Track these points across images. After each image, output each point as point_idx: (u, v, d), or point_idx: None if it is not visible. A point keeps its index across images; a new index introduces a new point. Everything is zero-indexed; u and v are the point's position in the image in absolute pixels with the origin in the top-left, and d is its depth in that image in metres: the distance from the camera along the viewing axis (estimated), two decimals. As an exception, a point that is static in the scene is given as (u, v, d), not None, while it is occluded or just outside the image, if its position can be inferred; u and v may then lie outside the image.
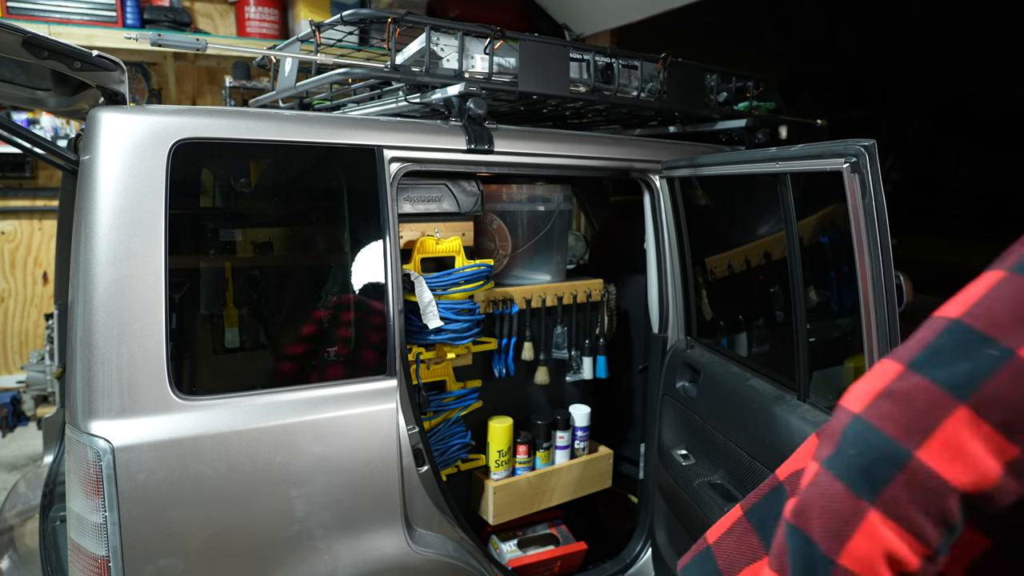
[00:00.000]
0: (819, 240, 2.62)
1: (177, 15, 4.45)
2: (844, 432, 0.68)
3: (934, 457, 0.64)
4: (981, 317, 0.65)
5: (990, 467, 0.63)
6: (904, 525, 0.64)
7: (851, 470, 0.67)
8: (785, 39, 8.28)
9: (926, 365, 0.66)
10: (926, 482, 0.64)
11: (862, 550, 0.66)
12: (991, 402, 0.63)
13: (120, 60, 1.52)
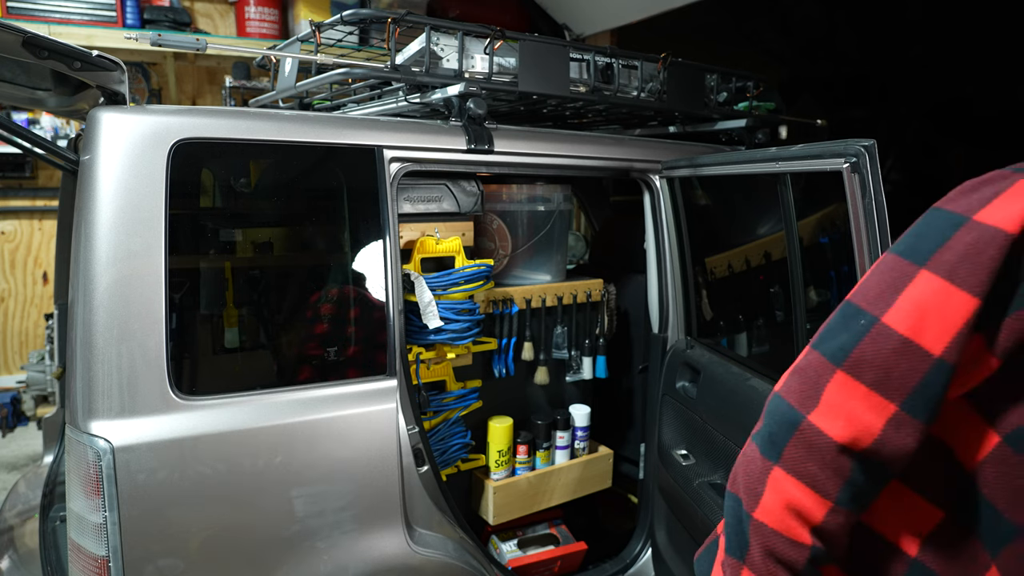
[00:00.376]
0: (819, 240, 2.62)
1: (177, 15, 4.45)
2: (768, 408, 0.80)
3: (820, 418, 0.73)
4: (859, 293, 0.75)
5: (870, 423, 0.71)
6: (804, 480, 0.73)
7: (764, 437, 0.78)
8: (785, 39, 8.28)
9: (821, 342, 0.76)
10: (814, 439, 0.73)
11: (771, 503, 0.75)
12: (862, 364, 0.71)
13: (120, 60, 1.52)
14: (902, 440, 0.71)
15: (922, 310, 0.70)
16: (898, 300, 0.71)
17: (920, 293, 0.70)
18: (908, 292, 0.71)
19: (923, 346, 0.69)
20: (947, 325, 0.69)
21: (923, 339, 0.69)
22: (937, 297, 0.69)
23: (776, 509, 0.75)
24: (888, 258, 0.74)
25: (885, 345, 0.71)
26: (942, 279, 0.69)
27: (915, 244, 0.73)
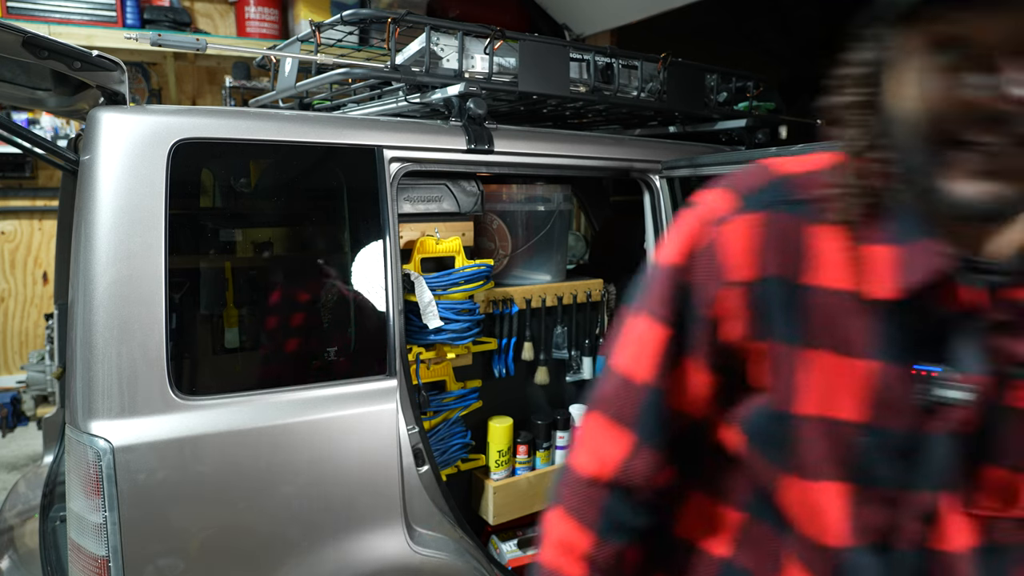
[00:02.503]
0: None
1: (177, 15, 4.45)
2: None
3: (575, 455, 0.83)
4: (607, 348, 0.85)
5: (612, 453, 0.79)
6: (571, 515, 0.81)
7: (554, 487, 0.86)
8: (785, 39, 8.28)
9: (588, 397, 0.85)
10: (572, 475, 0.82)
11: (548, 543, 0.83)
12: (604, 402, 0.81)
13: (120, 60, 1.52)
14: (641, 465, 0.79)
15: (635, 346, 0.79)
16: (620, 344, 0.82)
17: (635, 333, 0.80)
18: (626, 334, 0.81)
19: (636, 376, 0.79)
20: (649, 355, 0.78)
21: (635, 371, 0.79)
22: (643, 333, 0.79)
23: (550, 548, 0.82)
24: (624, 313, 0.84)
25: (613, 382, 0.81)
26: (646, 317, 0.79)
27: (639, 295, 0.82)
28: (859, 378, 0.69)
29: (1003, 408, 0.68)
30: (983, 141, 0.58)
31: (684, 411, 0.80)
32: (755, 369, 0.75)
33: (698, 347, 0.77)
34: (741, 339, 0.74)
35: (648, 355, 0.78)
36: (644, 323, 0.79)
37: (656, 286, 0.78)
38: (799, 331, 0.70)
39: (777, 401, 0.73)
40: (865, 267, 0.68)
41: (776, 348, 0.72)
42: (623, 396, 0.80)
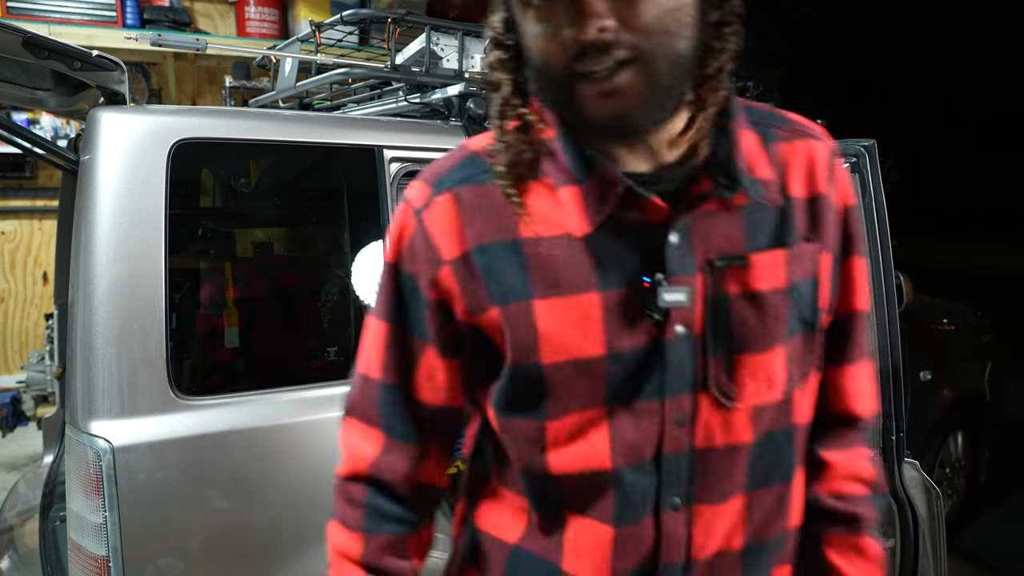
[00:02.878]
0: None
1: (177, 15, 4.46)
2: None
3: (339, 464, 0.84)
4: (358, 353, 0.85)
5: (364, 452, 0.81)
6: (340, 520, 0.83)
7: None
8: (785, 39, 8.30)
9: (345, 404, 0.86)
10: (336, 483, 0.84)
11: (329, 554, 0.83)
12: (352, 405, 0.83)
13: (120, 60, 1.52)
14: (394, 460, 0.81)
15: (368, 347, 0.82)
16: (361, 346, 0.84)
17: (369, 335, 0.83)
18: (365, 338, 0.84)
19: (371, 375, 0.81)
20: (377, 353, 0.81)
21: (370, 370, 0.81)
22: (373, 333, 0.82)
23: (331, 559, 0.83)
24: (370, 321, 0.85)
25: (356, 385, 0.83)
26: (373, 317, 0.82)
27: (376, 300, 0.84)
28: (590, 312, 0.72)
29: (726, 297, 0.73)
30: (591, 70, 0.66)
31: (430, 401, 0.81)
32: (496, 336, 0.76)
33: (430, 334, 0.78)
34: (474, 312, 0.76)
35: (376, 353, 0.81)
36: (372, 323, 0.82)
37: (381, 286, 0.82)
38: (528, 286, 0.73)
39: (524, 358, 0.74)
40: (563, 209, 0.73)
41: (510, 309, 0.73)
42: (365, 397, 0.82)
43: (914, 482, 1.44)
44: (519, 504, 0.81)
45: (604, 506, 0.75)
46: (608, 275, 0.72)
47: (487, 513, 0.86)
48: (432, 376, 0.80)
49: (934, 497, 1.45)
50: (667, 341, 0.72)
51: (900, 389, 1.41)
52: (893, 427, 1.42)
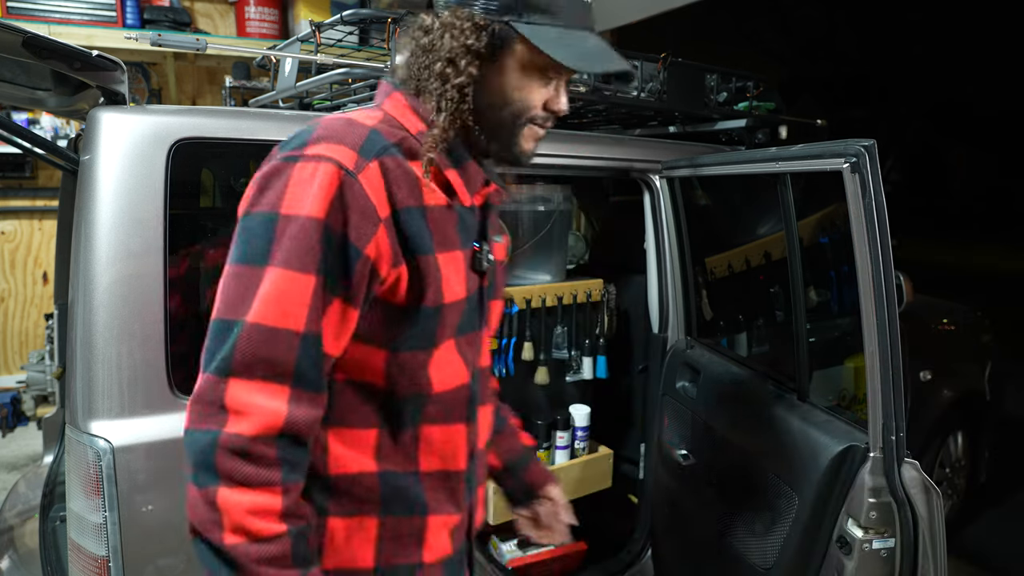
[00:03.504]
0: (819, 240, 2.62)
1: (177, 15, 4.45)
2: (187, 447, 0.84)
3: (233, 425, 0.81)
4: (220, 309, 0.85)
5: (276, 408, 0.83)
6: (249, 484, 0.81)
7: (195, 475, 0.82)
8: (785, 39, 8.30)
9: (206, 365, 0.84)
10: (237, 444, 0.81)
11: (234, 521, 0.81)
12: (248, 364, 0.82)
13: (120, 60, 1.52)
14: (305, 411, 0.85)
15: (279, 300, 0.83)
16: (256, 300, 0.83)
17: (273, 287, 0.83)
18: (263, 290, 0.83)
19: (289, 328, 0.83)
20: (300, 305, 0.84)
21: (287, 323, 0.83)
22: (287, 285, 0.83)
23: (242, 523, 0.80)
24: (233, 269, 0.86)
25: (260, 340, 0.82)
26: (284, 269, 0.83)
27: (250, 249, 0.86)
28: (460, 264, 0.99)
29: (494, 263, 1.08)
30: (541, 122, 1.03)
31: (332, 353, 0.89)
32: (403, 286, 0.92)
33: (355, 287, 0.87)
34: (395, 264, 0.90)
35: (299, 305, 0.84)
36: (284, 276, 0.83)
37: (295, 239, 0.84)
38: (432, 242, 0.94)
39: (435, 299, 0.94)
40: (449, 185, 0.99)
41: (422, 261, 0.92)
42: (276, 350, 0.83)
43: (914, 482, 1.44)
44: (368, 439, 0.96)
45: (461, 411, 1.03)
46: (465, 238, 1.01)
47: (336, 457, 0.95)
48: (342, 329, 0.89)
49: (934, 497, 1.45)
50: (484, 287, 1.06)
51: (900, 389, 1.41)
52: (893, 427, 1.42)
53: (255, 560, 0.81)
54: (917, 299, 2.41)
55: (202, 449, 0.81)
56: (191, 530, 0.84)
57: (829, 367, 2.33)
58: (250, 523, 0.81)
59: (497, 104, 0.98)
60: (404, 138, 0.96)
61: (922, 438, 2.92)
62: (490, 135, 1.00)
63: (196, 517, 0.82)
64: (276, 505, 0.83)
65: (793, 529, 1.62)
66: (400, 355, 0.94)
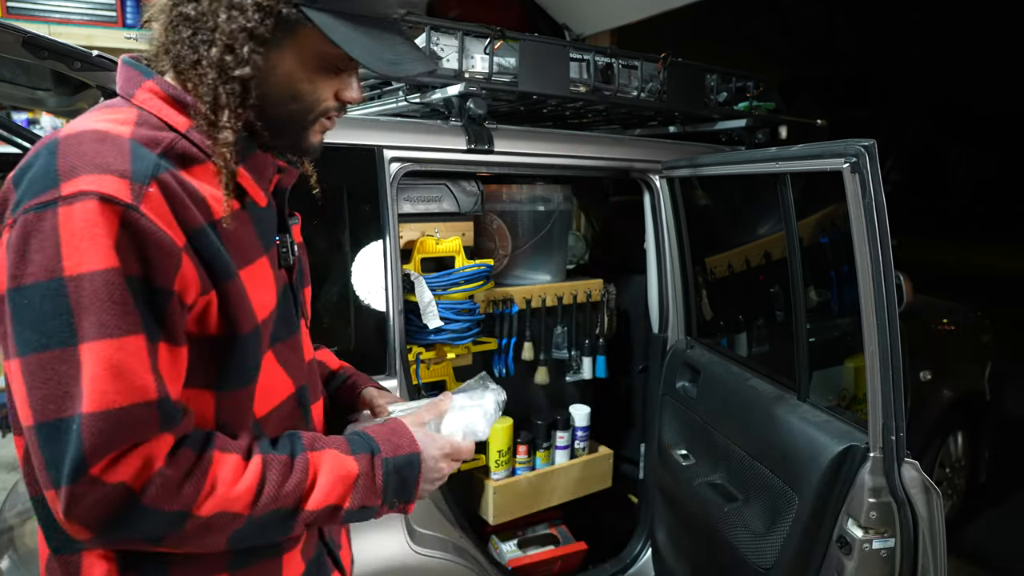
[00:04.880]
0: (819, 240, 2.62)
1: (177, 15, 4.44)
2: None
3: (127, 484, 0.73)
4: (37, 410, 0.71)
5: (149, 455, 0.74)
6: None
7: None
8: (785, 39, 8.30)
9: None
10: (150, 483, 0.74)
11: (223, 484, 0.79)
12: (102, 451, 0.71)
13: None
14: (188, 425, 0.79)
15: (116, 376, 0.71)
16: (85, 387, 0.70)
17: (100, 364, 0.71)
18: (88, 372, 0.70)
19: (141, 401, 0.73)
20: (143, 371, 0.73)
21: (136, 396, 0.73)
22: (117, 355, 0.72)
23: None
24: (27, 361, 0.71)
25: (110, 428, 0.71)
26: (105, 340, 0.71)
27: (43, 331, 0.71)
28: (266, 269, 0.89)
29: (295, 245, 0.99)
30: (333, 113, 0.91)
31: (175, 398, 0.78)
32: (212, 316, 0.81)
33: (173, 326, 0.76)
34: (205, 293, 0.79)
35: (142, 372, 0.72)
36: (109, 346, 0.71)
37: (100, 300, 0.70)
38: (230, 263, 0.81)
39: (247, 325, 0.83)
40: (240, 188, 0.86)
41: (228, 285, 0.81)
42: (133, 433, 0.72)
43: (914, 482, 1.44)
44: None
45: (292, 422, 0.94)
46: (265, 239, 0.90)
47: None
48: (175, 372, 0.78)
49: (934, 497, 1.45)
50: (293, 282, 0.97)
51: (900, 389, 1.41)
52: (893, 427, 1.42)
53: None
54: (917, 299, 2.41)
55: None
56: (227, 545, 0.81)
57: (829, 367, 2.33)
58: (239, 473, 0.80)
59: (283, 98, 0.84)
60: (172, 141, 0.80)
61: (922, 438, 2.92)
62: (276, 131, 0.87)
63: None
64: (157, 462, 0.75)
65: (793, 529, 1.62)
66: (227, 393, 0.84)
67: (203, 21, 0.80)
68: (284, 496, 0.82)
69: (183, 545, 0.78)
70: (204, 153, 0.83)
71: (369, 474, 0.89)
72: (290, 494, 0.82)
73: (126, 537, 0.75)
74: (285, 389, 0.93)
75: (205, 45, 0.80)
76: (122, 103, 0.84)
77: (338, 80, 0.89)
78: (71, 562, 0.83)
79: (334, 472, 0.86)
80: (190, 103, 0.82)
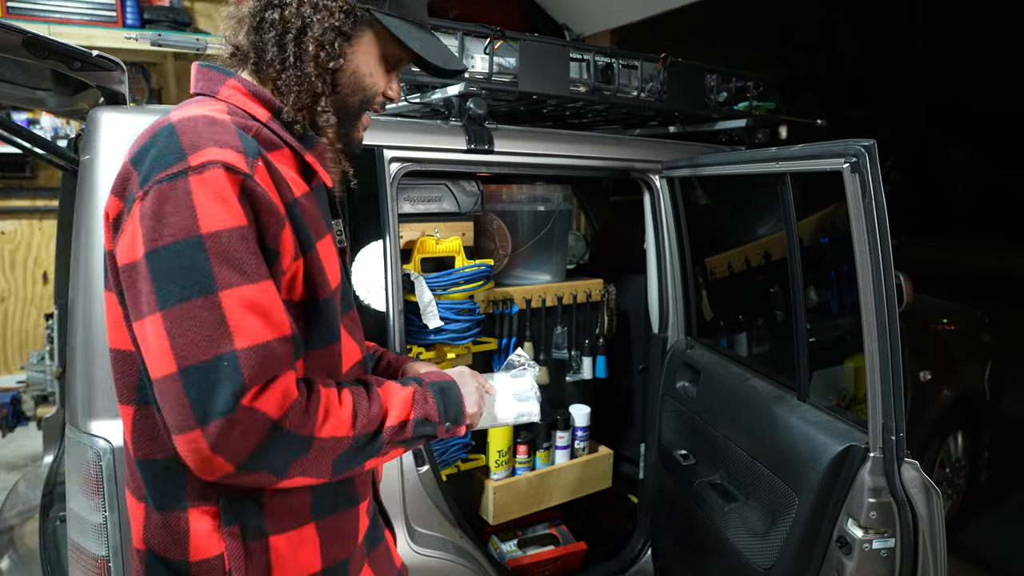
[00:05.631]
0: (819, 240, 2.62)
1: (177, 15, 4.45)
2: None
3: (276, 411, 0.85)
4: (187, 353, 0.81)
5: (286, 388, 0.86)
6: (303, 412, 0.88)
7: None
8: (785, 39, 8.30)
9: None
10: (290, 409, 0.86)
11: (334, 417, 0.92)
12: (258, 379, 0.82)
13: (120, 60, 1.51)
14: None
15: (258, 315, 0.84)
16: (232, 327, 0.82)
17: (242, 306, 0.82)
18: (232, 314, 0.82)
19: (279, 336, 0.86)
20: (277, 311, 0.87)
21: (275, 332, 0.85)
22: (256, 297, 0.84)
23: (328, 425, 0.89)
24: (173, 312, 0.80)
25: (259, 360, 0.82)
26: (244, 285, 0.83)
27: (185, 284, 0.80)
28: (332, 248, 1.00)
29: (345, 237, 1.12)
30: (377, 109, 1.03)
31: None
32: (299, 282, 0.93)
33: (276, 283, 0.87)
34: (296, 259, 0.91)
35: (276, 311, 0.84)
36: (248, 291, 0.81)
37: (236, 252, 0.81)
38: (311, 235, 0.93)
39: (326, 291, 0.95)
40: (310, 169, 0.99)
41: (311, 255, 0.93)
42: (280, 364, 0.83)
43: (914, 482, 1.44)
44: None
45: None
46: (327, 219, 1.02)
47: None
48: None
49: (934, 497, 1.45)
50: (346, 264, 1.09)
51: (900, 389, 1.41)
52: (893, 427, 1.42)
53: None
54: (917, 299, 2.41)
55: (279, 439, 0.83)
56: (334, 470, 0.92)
57: (829, 367, 2.33)
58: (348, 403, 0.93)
59: (352, 90, 0.98)
60: (259, 130, 0.93)
61: (922, 438, 2.92)
62: (340, 120, 0.99)
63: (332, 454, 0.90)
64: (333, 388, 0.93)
65: (793, 529, 1.62)
66: (312, 353, 0.95)
67: (292, 23, 0.93)
68: (372, 417, 0.95)
69: (305, 473, 0.88)
70: (282, 140, 0.96)
71: (422, 393, 1.03)
72: (376, 415, 0.96)
73: (264, 466, 0.84)
74: (355, 356, 1.06)
75: (296, 44, 0.92)
76: (207, 99, 0.95)
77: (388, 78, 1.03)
78: (179, 519, 0.92)
79: (397, 396, 1.00)
80: (266, 98, 0.96)
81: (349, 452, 0.92)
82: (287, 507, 0.95)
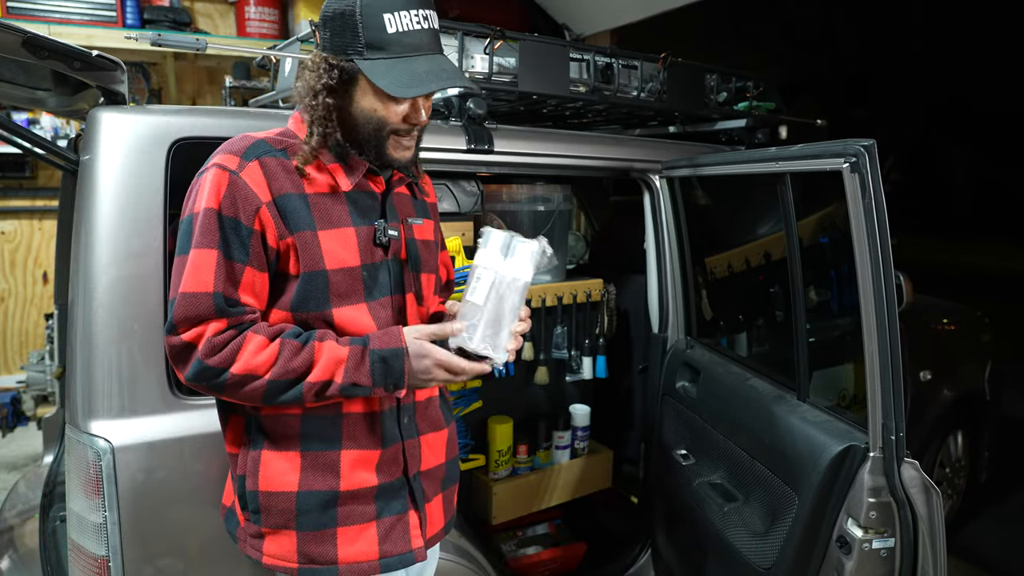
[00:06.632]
0: (819, 240, 2.62)
1: (177, 15, 4.45)
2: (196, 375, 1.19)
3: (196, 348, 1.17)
4: (171, 289, 1.21)
5: (208, 323, 1.17)
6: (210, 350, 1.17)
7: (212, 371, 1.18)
8: (785, 39, 8.29)
9: (165, 332, 1.19)
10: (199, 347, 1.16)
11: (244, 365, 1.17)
12: (184, 319, 1.16)
13: (120, 60, 1.52)
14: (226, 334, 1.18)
15: (195, 272, 1.16)
16: (183, 276, 1.17)
17: (191, 264, 1.17)
18: (187, 268, 1.16)
19: (202, 290, 1.16)
20: (208, 272, 1.16)
21: (200, 287, 1.16)
22: (199, 259, 1.17)
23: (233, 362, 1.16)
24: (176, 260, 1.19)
25: (185, 304, 1.15)
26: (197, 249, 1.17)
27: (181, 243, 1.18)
28: (350, 239, 1.25)
29: (412, 239, 1.35)
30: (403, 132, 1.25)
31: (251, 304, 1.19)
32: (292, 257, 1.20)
33: (255, 255, 1.18)
34: (281, 238, 1.19)
35: (207, 272, 1.15)
36: (197, 255, 1.15)
37: (199, 228, 1.15)
38: (314, 221, 1.21)
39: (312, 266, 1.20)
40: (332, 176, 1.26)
41: (303, 235, 1.20)
42: (196, 307, 1.14)
43: (914, 482, 1.44)
44: None
45: None
46: (357, 217, 1.26)
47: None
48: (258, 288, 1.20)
49: (934, 497, 1.45)
50: (389, 260, 1.30)
51: (900, 389, 1.41)
52: (893, 427, 1.42)
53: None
54: (917, 299, 2.41)
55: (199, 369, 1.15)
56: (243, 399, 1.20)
57: (829, 367, 2.33)
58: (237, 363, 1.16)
59: (364, 121, 1.23)
60: (293, 144, 1.25)
61: (922, 438, 2.92)
62: (360, 145, 1.26)
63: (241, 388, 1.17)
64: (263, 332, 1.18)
65: (793, 529, 1.62)
66: (299, 315, 1.22)
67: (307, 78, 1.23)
68: (291, 369, 1.16)
69: (237, 396, 1.18)
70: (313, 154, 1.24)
71: (358, 358, 1.19)
72: (296, 368, 1.16)
73: (203, 381, 1.16)
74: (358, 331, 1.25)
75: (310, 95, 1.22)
76: (283, 124, 1.32)
77: (404, 107, 1.22)
78: (231, 428, 1.32)
79: (329, 355, 1.18)
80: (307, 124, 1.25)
81: (270, 390, 1.16)
82: (279, 433, 1.25)
